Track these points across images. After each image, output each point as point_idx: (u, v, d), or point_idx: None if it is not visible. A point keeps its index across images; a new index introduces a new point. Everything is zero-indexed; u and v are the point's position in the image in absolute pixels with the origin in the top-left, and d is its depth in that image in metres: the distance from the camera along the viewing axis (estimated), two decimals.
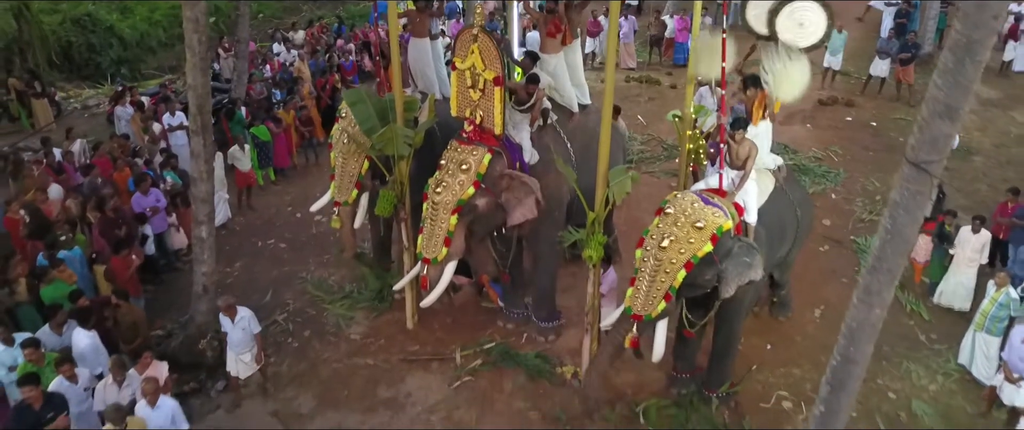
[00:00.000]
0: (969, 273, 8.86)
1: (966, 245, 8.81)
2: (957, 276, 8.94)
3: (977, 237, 8.78)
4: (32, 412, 5.88)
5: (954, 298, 9.02)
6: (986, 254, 8.85)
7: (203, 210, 7.57)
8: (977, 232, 8.77)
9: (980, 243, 8.78)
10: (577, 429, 7.48)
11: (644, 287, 6.52)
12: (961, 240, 8.88)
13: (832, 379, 5.03)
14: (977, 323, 7.94)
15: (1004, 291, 7.74)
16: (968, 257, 8.81)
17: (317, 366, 8.42)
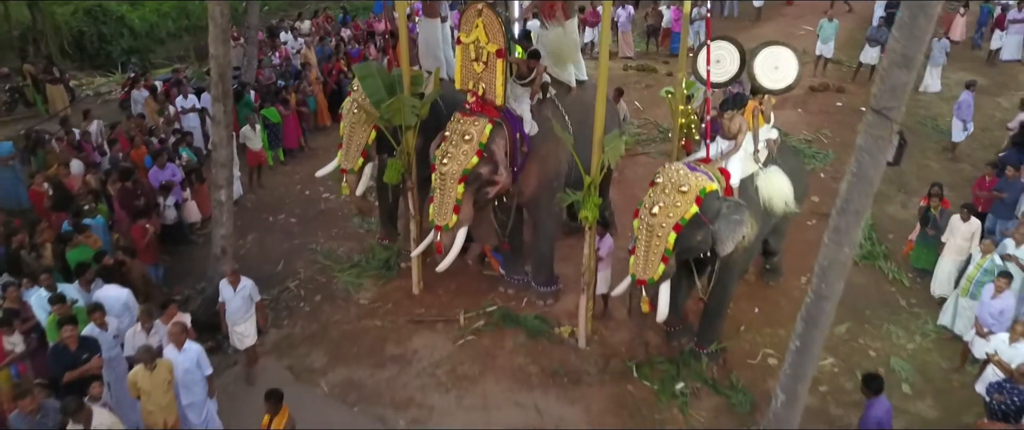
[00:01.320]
0: (958, 261, 8.85)
1: (956, 233, 8.81)
2: (947, 265, 8.97)
3: (966, 225, 8.74)
4: (68, 353, 6.34)
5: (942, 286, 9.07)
6: (976, 242, 8.68)
7: (222, 174, 8.04)
8: (966, 221, 8.73)
9: (970, 231, 8.73)
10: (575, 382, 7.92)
11: (642, 253, 7.00)
12: (951, 228, 8.86)
13: (806, 315, 5.48)
14: (962, 289, 8.26)
15: (989, 258, 8.06)
16: (958, 245, 8.80)
17: (328, 328, 8.88)
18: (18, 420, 5.70)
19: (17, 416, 5.70)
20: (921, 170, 12.44)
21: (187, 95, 13.20)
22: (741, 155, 7.65)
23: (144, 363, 6.18)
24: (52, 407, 5.75)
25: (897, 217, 11.06)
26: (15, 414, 5.71)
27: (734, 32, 19.95)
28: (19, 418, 5.70)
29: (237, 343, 7.93)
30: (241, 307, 7.75)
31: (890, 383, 7.86)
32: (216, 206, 8.31)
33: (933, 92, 15.32)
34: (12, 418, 5.70)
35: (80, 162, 10.65)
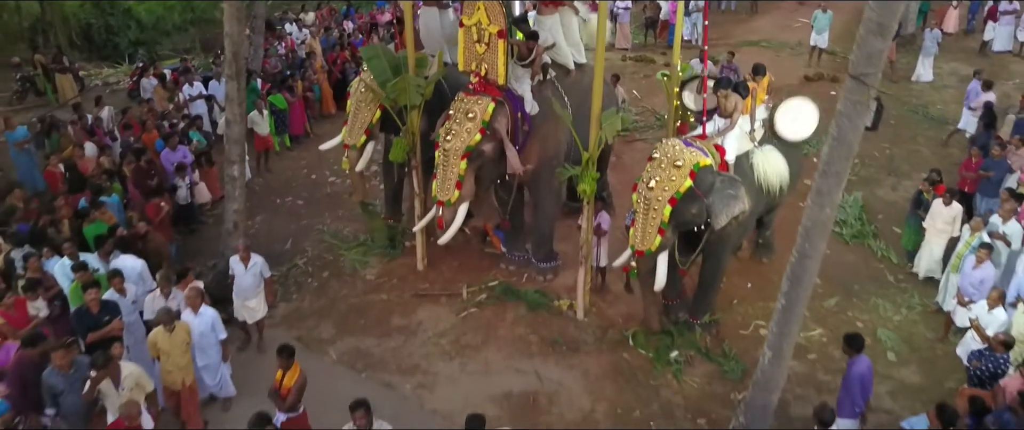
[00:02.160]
0: (940, 243, 9.06)
1: (938, 217, 8.97)
2: (930, 247, 9.18)
3: (948, 209, 8.87)
4: (91, 315, 6.67)
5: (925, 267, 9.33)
6: (958, 226, 8.89)
7: (235, 150, 8.36)
8: (948, 205, 8.87)
9: (951, 215, 8.89)
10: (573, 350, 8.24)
11: (640, 225, 7.33)
12: (933, 212, 9.03)
13: (791, 275, 5.79)
14: (952, 265, 8.56)
15: (978, 235, 8.35)
16: (939, 228, 8.99)
17: (336, 301, 9.21)
18: (52, 375, 6.01)
19: (52, 371, 6.01)
20: (911, 155, 12.77)
21: (193, 83, 13.54)
22: (736, 133, 7.98)
23: (164, 324, 6.50)
24: (82, 362, 6.07)
25: (887, 199, 11.38)
26: (50, 369, 6.01)
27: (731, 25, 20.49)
28: (53, 373, 6.01)
29: (248, 317, 8.20)
30: (252, 284, 8.03)
31: (876, 352, 8.23)
32: (229, 181, 8.64)
33: (925, 82, 15.64)
34: (46, 373, 6.00)
35: (93, 145, 10.98)
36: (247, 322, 8.24)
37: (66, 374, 6.05)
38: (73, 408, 6.09)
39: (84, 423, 6.17)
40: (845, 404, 6.34)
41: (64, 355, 6.03)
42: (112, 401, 6.08)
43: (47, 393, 6.07)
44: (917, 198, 9.58)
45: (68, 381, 6.05)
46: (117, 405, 6.00)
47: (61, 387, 6.04)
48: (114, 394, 6.05)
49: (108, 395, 6.06)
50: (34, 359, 6.17)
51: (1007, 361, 6.43)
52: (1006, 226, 8.37)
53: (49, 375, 6.03)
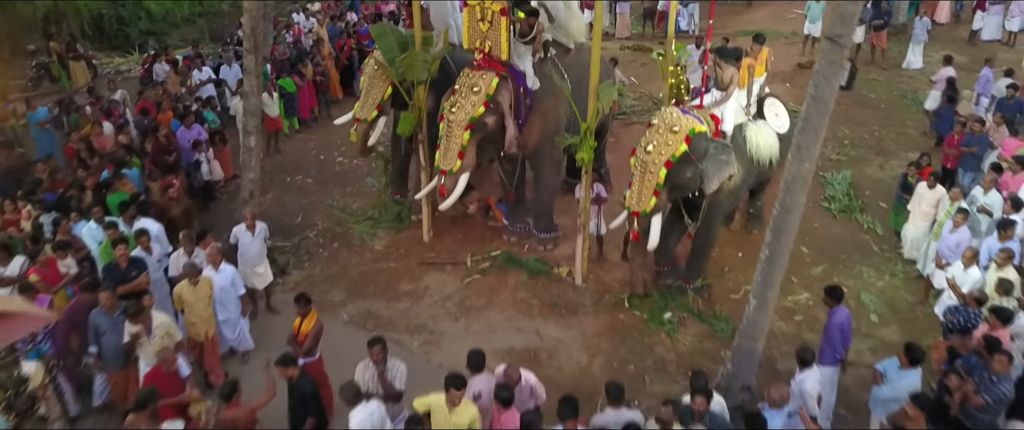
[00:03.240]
0: (923, 226, 9.25)
1: (922, 201, 9.15)
2: (913, 229, 9.39)
3: (932, 193, 9.04)
4: (119, 270, 7.12)
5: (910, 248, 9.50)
6: (941, 209, 8.96)
7: (252, 122, 8.79)
8: (932, 188, 9.04)
9: (935, 198, 9.05)
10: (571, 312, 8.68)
11: (637, 187, 7.77)
12: (918, 195, 9.20)
13: (774, 226, 6.22)
14: (934, 234, 8.96)
15: (957, 204, 8.72)
16: (924, 211, 9.16)
17: (346, 269, 9.65)
18: (98, 315, 6.47)
19: (98, 311, 6.46)
20: (900, 137, 13.22)
21: (203, 68, 14.01)
22: (732, 105, 8.41)
23: (188, 278, 6.94)
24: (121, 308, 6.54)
25: (875, 177, 11.82)
26: (97, 310, 6.47)
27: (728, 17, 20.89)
28: (99, 313, 6.47)
29: (257, 283, 8.59)
30: (259, 250, 8.45)
31: (860, 314, 8.68)
32: (245, 151, 9.08)
33: (915, 69, 16.08)
34: (94, 313, 6.47)
35: (110, 124, 11.44)
36: (256, 288, 8.62)
37: (111, 317, 6.53)
38: (112, 348, 6.58)
39: (120, 364, 6.64)
40: (826, 352, 6.76)
41: (111, 297, 6.50)
42: (145, 350, 6.52)
43: (92, 332, 6.56)
44: (903, 181, 9.88)
45: (111, 322, 6.54)
46: (150, 353, 6.45)
47: (105, 327, 6.54)
48: (147, 342, 6.49)
49: (141, 344, 6.49)
50: (88, 303, 6.65)
51: (978, 315, 6.84)
52: (986, 196, 8.80)
53: (95, 315, 6.52)
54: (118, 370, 6.77)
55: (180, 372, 6.10)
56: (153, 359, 6.41)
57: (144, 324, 6.40)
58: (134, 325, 6.38)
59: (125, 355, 6.64)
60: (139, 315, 6.35)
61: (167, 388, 5.82)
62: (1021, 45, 17.18)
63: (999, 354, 5.89)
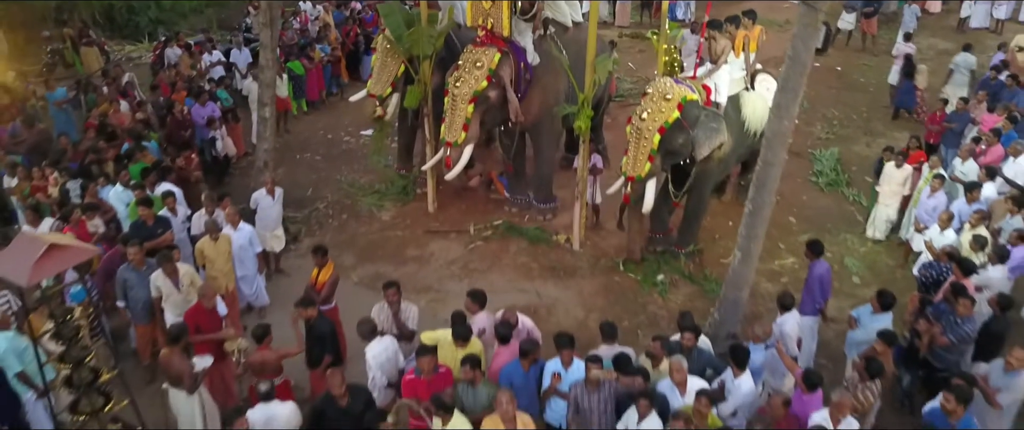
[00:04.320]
0: (893, 205, 9.52)
1: (891, 181, 9.37)
2: (884, 209, 9.61)
3: (900, 172, 9.28)
4: (146, 227, 7.61)
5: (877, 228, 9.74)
6: (909, 186, 9.31)
7: (268, 93, 9.27)
8: (900, 167, 9.28)
9: (903, 177, 9.30)
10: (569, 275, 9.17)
11: (632, 152, 8.24)
12: (886, 176, 9.41)
13: (756, 181, 6.70)
14: (914, 201, 9.39)
15: (936, 171, 9.14)
16: (893, 190, 9.39)
17: (355, 237, 10.14)
18: (126, 270, 6.92)
19: (126, 267, 6.91)
20: (886, 117, 13.70)
21: (213, 51, 14.51)
22: (726, 77, 8.88)
23: (210, 234, 7.43)
24: (152, 264, 6.99)
25: (861, 154, 12.31)
26: (124, 265, 6.91)
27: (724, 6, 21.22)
28: (127, 269, 6.92)
29: (275, 246, 9.11)
30: (278, 214, 8.96)
31: (843, 277, 9.18)
32: (261, 122, 9.56)
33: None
34: (121, 269, 6.92)
35: (126, 103, 11.93)
36: (273, 251, 9.11)
37: (139, 272, 6.97)
38: (140, 302, 7.02)
39: (147, 318, 7.10)
40: (807, 302, 7.25)
41: (138, 253, 6.96)
42: (173, 300, 6.96)
43: (120, 287, 7.00)
44: (879, 166, 10.00)
45: (139, 277, 6.98)
46: (178, 302, 6.91)
47: (133, 282, 6.97)
48: (174, 293, 6.95)
49: (169, 294, 6.95)
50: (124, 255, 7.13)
51: (950, 269, 7.31)
52: (963, 165, 9.28)
53: (123, 270, 6.95)
54: (145, 323, 7.24)
55: (218, 310, 6.55)
56: (180, 311, 6.85)
57: (172, 276, 6.85)
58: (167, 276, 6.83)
59: (151, 309, 7.11)
60: (168, 264, 6.82)
61: (205, 323, 6.30)
62: (1008, 32, 17.62)
63: (963, 298, 6.37)
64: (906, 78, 13.13)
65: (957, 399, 5.33)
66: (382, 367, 6.06)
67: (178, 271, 6.96)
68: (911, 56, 13.39)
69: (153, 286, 6.86)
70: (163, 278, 6.81)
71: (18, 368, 6.10)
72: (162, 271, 6.79)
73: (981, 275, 7.18)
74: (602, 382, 5.42)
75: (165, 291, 6.94)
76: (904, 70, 13.25)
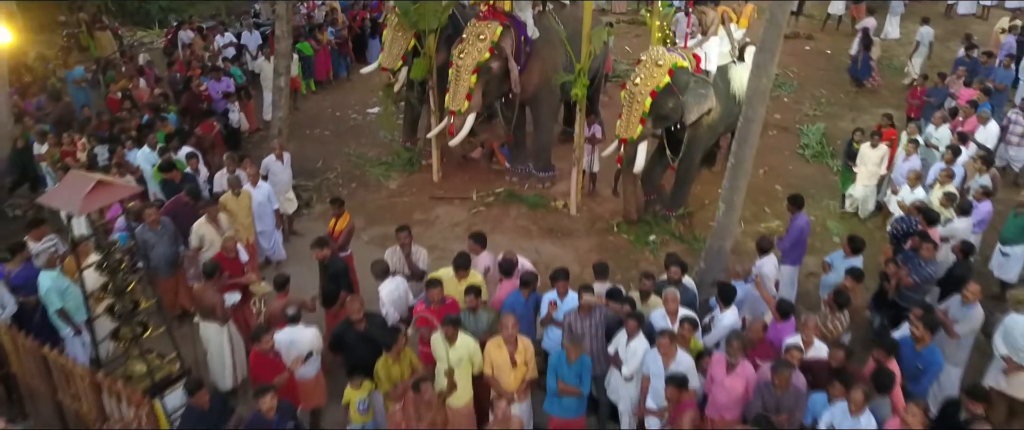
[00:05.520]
0: (870, 185, 9.63)
1: (867, 161, 9.44)
2: (863, 189, 9.74)
3: (875, 152, 9.35)
4: (174, 184, 8.19)
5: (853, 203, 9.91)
6: (885, 166, 9.43)
7: (283, 63, 9.83)
8: (875, 147, 9.37)
9: (879, 156, 9.38)
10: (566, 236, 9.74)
11: (626, 115, 8.79)
12: (862, 156, 9.47)
13: (738, 136, 7.26)
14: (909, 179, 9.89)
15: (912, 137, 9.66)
16: (870, 170, 9.48)
17: (365, 203, 10.70)
18: (144, 231, 7.41)
19: (144, 228, 7.40)
20: (872, 95, 14.27)
21: (225, 34, 15.08)
22: (715, 48, 9.44)
23: (232, 188, 7.99)
24: (167, 222, 7.53)
25: (847, 129, 12.72)
26: (142, 226, 7.37)
27: None
28: (145, 230, 7.41)
29: (287, 208, 9.66)
30: (288, 178, 9.52)
31: (825, 238, 9.73)
32: (276, 91, 10.12)
33: (892, 38, 17.10)
34: (139, 230, 7.32)
35: (144, 79, 12.51)
36: (286, 213, 9.65)
37: (156, 231, 7.50)
38: (162, 258, 7.53)
39: (169, 273, 7.63)
40: (788, 253, 7.81)
41: (155, 214, 7.49)
42: (216, 247, 7.45)
43: (140, 248, 7.25)
44: (848, 148, 10.09)
45: (157, 236, 7.50)
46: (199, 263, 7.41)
47: (153, 241, 7.46)
48: (217, 239, 7.45)
49: (212, 242, 7.48)
50: (185, 203, 7.80)
51: (917, 222, 7.86)
52: (937, 131, 9.84)
53: (142, 231, 7.34)
54: (169, 277, 7.76)
55: (239, 257, 7.12)
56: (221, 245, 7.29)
57: (214, 222, 7.43)
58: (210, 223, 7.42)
59: (174, 263, 7.66)
60: (211, 208, 7.46)
61: (230, 269, 6.86)
62: (995, 18, 18.15)
63: (927, 243, 6.93)
64: (864, 50, 14.17)
65: (924, 326, 5.85)
66: (394, 304, 6.62)
67: (220, 220, 7.51)
68: (868, 30, 14.36)
69: (196, 236, 7.42)
70: (206, 226, 7.36)
71: (59, 305, 6.68)
72: (206, 218, 7.35)
73: (947, 227, 7.74)
74: (593, 308, 5.98)
75: (208, 239, 7.45)
76: (862, 42, 14.27)
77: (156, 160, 8.84)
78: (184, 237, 7.68)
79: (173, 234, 7.63)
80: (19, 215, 10.17)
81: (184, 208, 7.76)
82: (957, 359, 6.50)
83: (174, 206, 7.86)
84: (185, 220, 7.67)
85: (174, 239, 7.58)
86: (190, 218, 7.65)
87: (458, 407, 5.84)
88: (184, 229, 7.67)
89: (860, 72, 14.44)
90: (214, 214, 7.45)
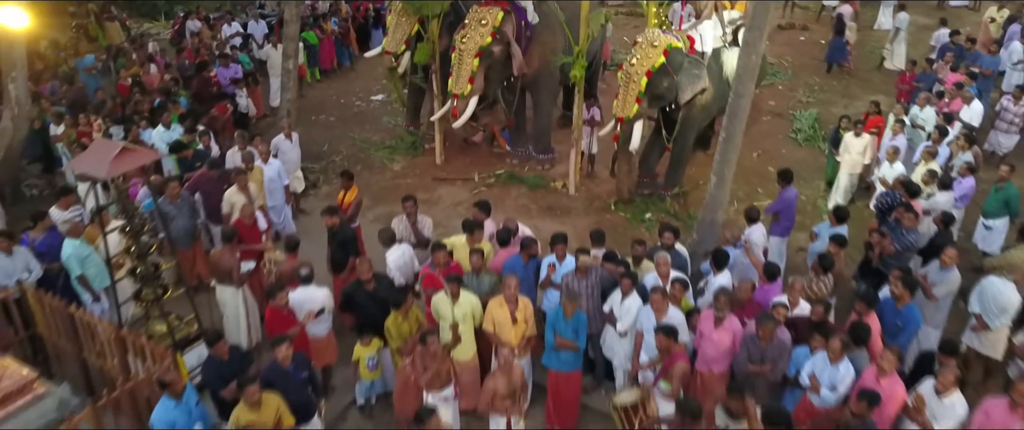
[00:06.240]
0: (854, 174, 9.73)
1: (851, 149, 9.56)
2: (847, 179, 9.84)
3: (859, 140, 9.47)
4: (187, 161, 8.54)
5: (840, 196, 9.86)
6: (869, 155, 9.54)
7: (291, 46, 10.16)
8: (859, 136, 9.49)
9: (862, 145, 9.49)
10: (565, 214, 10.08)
11: (622, 95, 9.13)
12: (846, 145, 9.59)
13: (729, 111, 7.59)
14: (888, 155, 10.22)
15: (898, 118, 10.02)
16: (853, 159, 9.59)
17: (369, 184, 11.03)
18: (165, 204, 7.74)
19: (164, 200, 7.73)
20: (864, 83, 14.63)
21: (232, 23, 15.43)
22: (710, 31, 9.78)
23: (245, 163, 8.33)
24: (187, 196, 7.87)
25: (838, 115, 13.05)
26: (162, 199, 7.70)
27: None
28: (165, 202, 7.74)
29: (297, 186, 10.02)
30: (297, 157, 9.87)
31: (815, 216, 10.05)
32: (285, 73, 10.48)
33: (885, 29, 17.38)
34: (161, 202, 7.62)
35: (155, 66, 12.85)
36: (295, 191, 10.00)
37: (176, 204, 7.83)
38: (181, 230, 7.84)
39: (188, 244, 7.96)
40: (776, 225, 8.15)
41: (176, 188, 7.82)
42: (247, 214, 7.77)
43: (160, 219, 7.58)
44: (834, 135, 10.25)
45: (177, 208, 7.83)
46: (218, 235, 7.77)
47: (173, 214, 7.78)
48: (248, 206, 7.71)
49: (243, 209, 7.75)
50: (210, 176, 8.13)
51: (900, 196, 8.20)
52: (922, 112, 10.18)
53: (163, 203, 7.65)
54: (187, 248, 8.08)
55: (258, 225, 7.46)
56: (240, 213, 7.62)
57: (244, 190, 7.81)
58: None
59: (193, 234, 7.99)
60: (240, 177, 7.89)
61: (247, 235, 7.20)
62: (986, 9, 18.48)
63: (908, 213, 7.28)
64: (837, 35, 14.82)
65: (903, 285, 6.20)
66: (400, 269, 6.96)
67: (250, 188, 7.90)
68: (842, 16, 14.99)
69: (227, 203, 7.78)
70: (238, 194, 7.73)
71: (79, 272, 7.02)
72: (237, 186, 7.74)
73: (929, 200, 8.09)
74: (590, 269, 6.32)
75: (238, 206, 7.75)
76: (836, 28, 14.94)
77: (169, 138, 9.19)
78: (208, 210, 8.00)
79: (192, 207, 7.97)
80: (35, 194, 10.54)
81: (209, 182, 8.11)
82: (936, 321, 6.85)
83: (199, 181, 8.21)
84: (210, 193, 8.06)
85: (193, 212, 7.92)
86: (215, 191, 8.03)
87: (463, 361, 6.20)
88: (209, 202, 8.02)
89: (834, 55, 15.09)
90: (243, 183, 7.81)
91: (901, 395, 5.22)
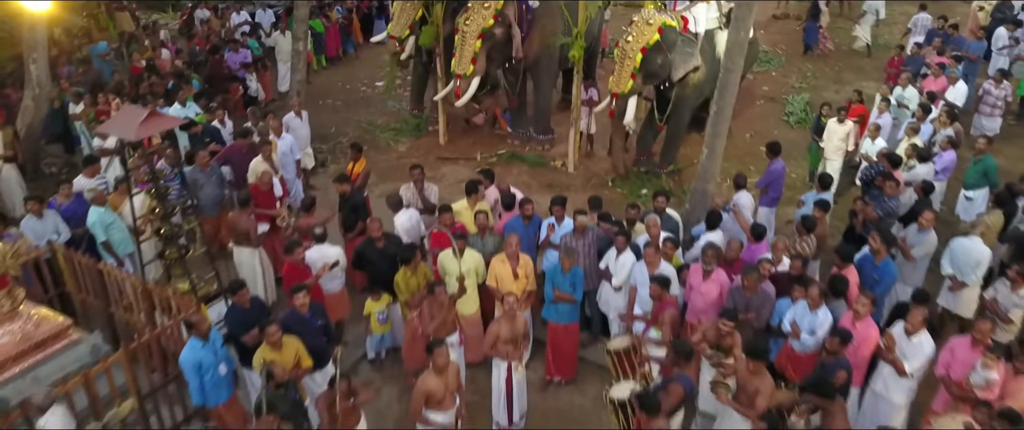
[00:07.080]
0: (837, 161, 9.71)
1: (834, 136, 9.55)
2: (830, 164, 9.75)
3: (842, 127, 9.48)
4: (198, 136, 8.95)
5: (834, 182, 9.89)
6: (851, 142, 9.56)
7: (301, 28, 10.57)
8: (842, 123, 9.50)
9: (845, 132, 9.48)
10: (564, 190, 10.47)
11: (618, 71, 9.53)
12: (828, 132, 9.61)
13: (719, 86, 7.98)
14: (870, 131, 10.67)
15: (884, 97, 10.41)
16: (836, 146, 9.59)
17: (375, 163, 11.39)
18: (194, 172, 8.08)
19: (194, 169, 8.09)
20: (856, 70, 15.03)
21: (240, 12, 15.85)
22: (702, 11, 10.15)
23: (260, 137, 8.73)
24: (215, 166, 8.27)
25: (830, 99, 13.50)
26: (193, 168, 8.07)
27: None
28: (195, 170, 8.10)
29: (307, 163, 10.45)
30: (307, 134, 10.29)
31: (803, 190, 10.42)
32: (295, 55, 10.88)
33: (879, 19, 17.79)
34: (190, 171, 7.97)
35: (168, 50, 13.27)
36: (306, 167, 10.42)
37: (205, 172, 8.21)
38: (210, 199, 8.21)
39: (216, 211, 8.32)
40: (764, 196, 8.56)
41: (206, 156, 8.21)
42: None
43: (191, 186, 7.83)
44: (816, 122, 10.32)
45: (206, 177, 8.20)
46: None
47: (202, 181, 8.14)
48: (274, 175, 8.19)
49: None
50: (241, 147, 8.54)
51: (883, 168, 8.58)
52: (905, 91, 10.59)
53: (192, 172, 7.99)
54: (214, 216, 8.35)
55: (273, 191, 7.87)
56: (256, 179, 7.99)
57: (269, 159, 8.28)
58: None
59: (217, 204, 8.36)
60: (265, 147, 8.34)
61: (263, 200, 7.61)
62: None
63: (890, 182, 7.68)
64: (812, 19, 15.74)
65: (881, 239, 6.59)
66: (408, 232, 7.38)
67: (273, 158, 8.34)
68: (818, 1, 15.86)
69: (252, 173, 8.14)
70: (263, 163, 8.16)
71: (103, 238, 7.42)
72: (262, 156, 8.19)
73: (910, 172, 8.49)
74: (586, 229, 6.73)
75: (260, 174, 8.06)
76: (810, 12, 15.86)
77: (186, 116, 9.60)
78: (237, 179, 8.44)
79: (220, 177, 8.36)
80: (54, 172, 10.95)
81: (239, 154, 8.55)
82: (913, 280, 7.24)
83: (230, 152, 8.68)
84: (241, 165, 8.51)
85: (221, 182, 8.31)
86: (244, 162, 8.47)
87: (468, 315, 6.61)
88: (237, 173, 8.47)
89: (809, 38, 15.92)
90: (268, 153, 8.23)
91: (874, 337, 5.63)
